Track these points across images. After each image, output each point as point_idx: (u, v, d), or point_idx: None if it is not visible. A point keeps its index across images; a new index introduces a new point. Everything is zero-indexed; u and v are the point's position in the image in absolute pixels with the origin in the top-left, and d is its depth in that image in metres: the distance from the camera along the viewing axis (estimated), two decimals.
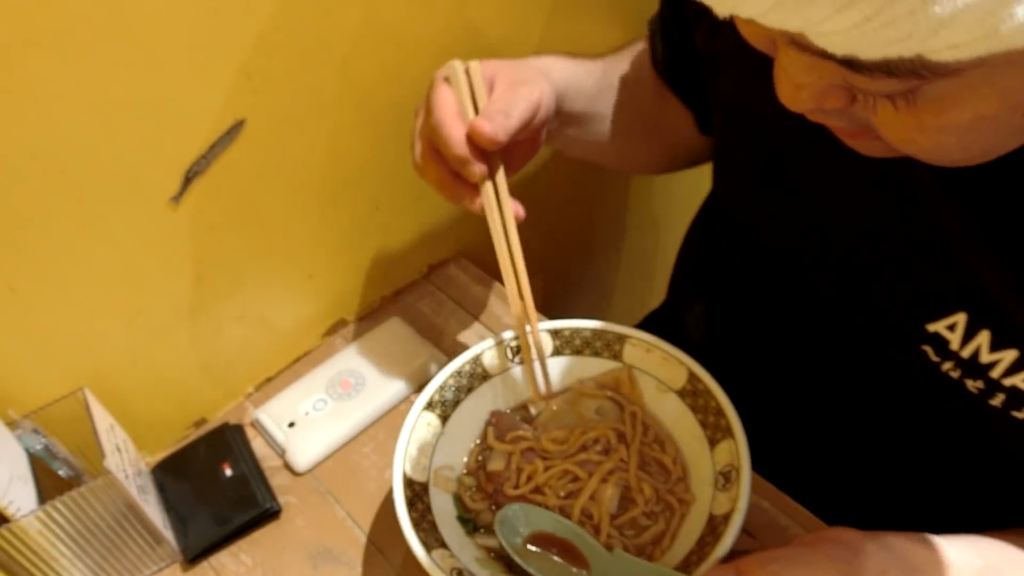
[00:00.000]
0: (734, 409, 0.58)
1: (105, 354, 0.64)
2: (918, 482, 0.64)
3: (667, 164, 0.83)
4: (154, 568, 0.63)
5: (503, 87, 0.59)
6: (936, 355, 0.53)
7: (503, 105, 0.57)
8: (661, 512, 0.58)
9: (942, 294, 0.51)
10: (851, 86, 0.38)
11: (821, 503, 0.62)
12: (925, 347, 0.54)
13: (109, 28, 0.51)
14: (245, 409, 0.75)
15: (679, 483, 0.60)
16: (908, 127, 0.37)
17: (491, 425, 0.64)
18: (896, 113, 0.37)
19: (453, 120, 0.56)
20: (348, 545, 0.64)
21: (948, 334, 0.52)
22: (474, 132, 0.55)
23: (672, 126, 0.78)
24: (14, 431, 0.58)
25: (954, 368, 0.52)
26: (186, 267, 0.65)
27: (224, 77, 0.59)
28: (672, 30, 0.70)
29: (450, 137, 0.56)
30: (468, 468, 0.63)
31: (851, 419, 0.65)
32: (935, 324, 0.52)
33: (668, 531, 0.57)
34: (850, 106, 0.39)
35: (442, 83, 0.59)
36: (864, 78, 0.35)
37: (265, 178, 0.66)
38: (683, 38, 0.69)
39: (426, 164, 0.59)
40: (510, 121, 0.56)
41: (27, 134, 0.52)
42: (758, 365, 0.69)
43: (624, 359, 0.65)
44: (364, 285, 0.80)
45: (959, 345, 0.51)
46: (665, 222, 1.18)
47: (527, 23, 0.79)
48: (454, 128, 0.56)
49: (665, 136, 0.79)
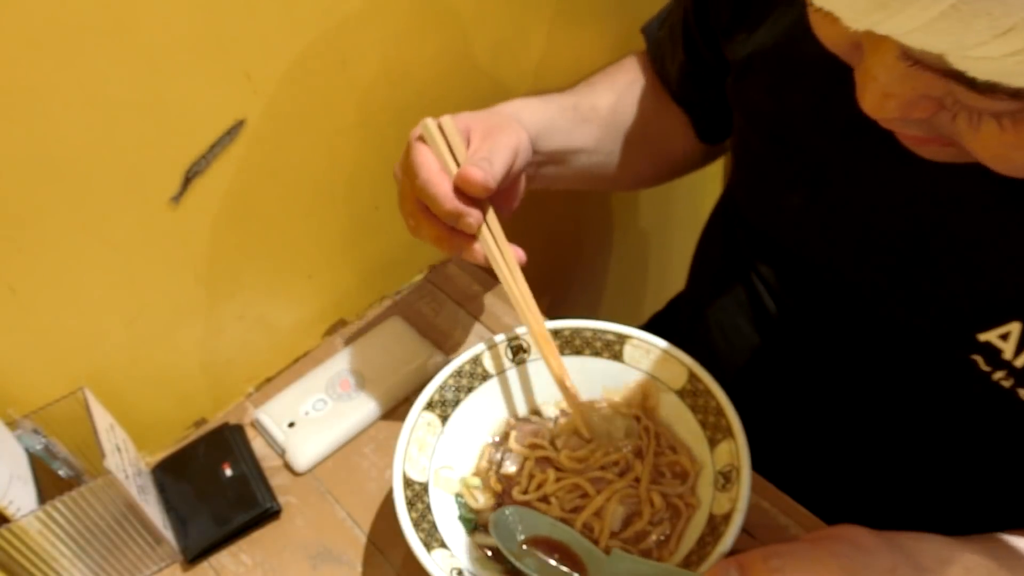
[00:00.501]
0: (734, 409, 0.58)
1: (105, 354, 0.64)
2: (924, 483, 0.64)
3: (656, 178, 0.84)
4: (154, 568, 0.63)
5: (479, 137, 0.59)
6: (987, 364, 0.53)
7: (485, 153, 0.57)
8: (668, 518, 0.58)
9: (994, 303, 0.51)
10: (954, 100, 0.36)
11: (821, 503, 0.62)
12: (975, 356, 0.53)
13: (109, 28, 0.52)
14: (245, 409, 0.75)
15: (690, 486, 0.59)
16: (1006, 144, 0.36)
17: (512, 429, 0.64)
18: (1000, 131, 0.36)
19: (439, 177, 0.57)
20: (348, 545, 0.64)
21: (1001, 343, 0.51)
22: (464, 181, 0.56)
23: (667, 137, 0.78)
24: (14, 431, 0.58)
25: (1006, 377, 0.52)
26: (186, 267, 0.65)
27: (224, 77, 0.59)
28: (697, 41, 0.70)
29: (439, 195, 0.56)
30: (477, 469, 0.63)
31: (863, 418, 0.64)
32: (987, 334, 0.52)
33: (674, 534, 0.57)
34: (935, 115, 0.38)
35: (418, 143, 0.59)
36: (979, 96, 0.33)
37: (265, 178, 0.66)
38: (707, 46, 0.68)
39: (419, 225, 0.59)
40: (496, 167, 0.57)
41: (27, 134, 0.52)
42: (773, 365, 0.68)
43: (624, 359, 0.65)
44: (364, 285, 0.80)
45: (1012, 354, 0.51)
46: (664, 224, 1.18)
47: (526, 23, 0.79)
48: (441, 185, 0.56)
49: (658, 148, 0.79)
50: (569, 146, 0.70)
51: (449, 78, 0.74)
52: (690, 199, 1.16)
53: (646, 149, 0.77)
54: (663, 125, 0.77)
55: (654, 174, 0.82)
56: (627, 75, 0.78)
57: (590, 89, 0.75)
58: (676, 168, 0.83)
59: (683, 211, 1.17)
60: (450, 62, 0.73)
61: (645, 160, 0.79)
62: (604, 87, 0.76)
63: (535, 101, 0.69)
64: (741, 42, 0.62)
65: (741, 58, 0.62)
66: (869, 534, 0.47)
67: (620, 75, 0.78)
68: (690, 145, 0.79)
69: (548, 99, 0.70)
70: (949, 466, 0.61)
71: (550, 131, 0.67)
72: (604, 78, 0.77)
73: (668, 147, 0.79)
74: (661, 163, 0.81)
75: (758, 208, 0.66)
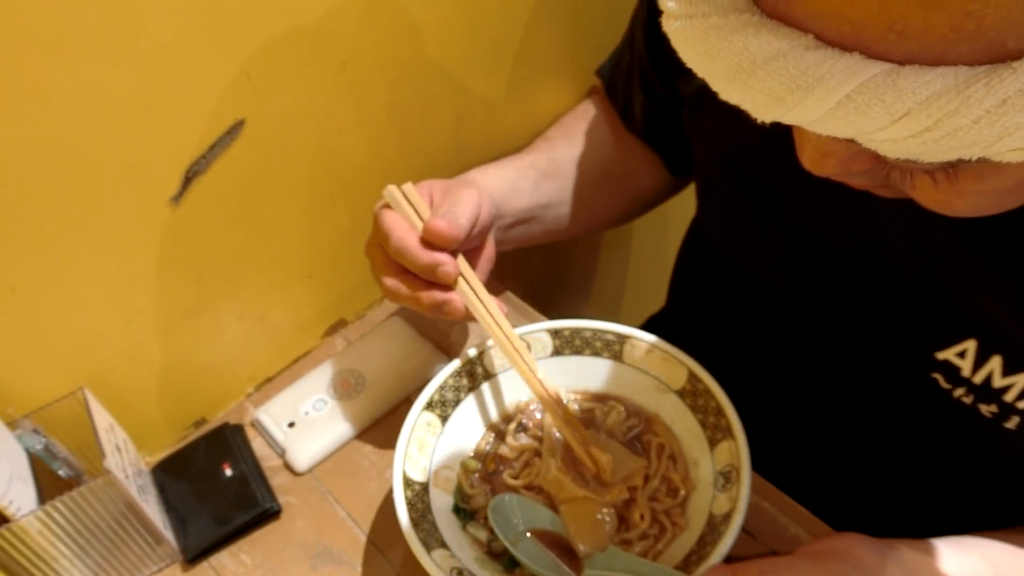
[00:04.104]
0: (734, 409, 0.58)
1: (105, 354, 0.64)
2: (919, 485, 0.64)
3: (628, 215, 0.85)
4: (154, 568, 0.63)
5: (440, 195, 0.62)
6: (947, 382, 0.53)
7: (448, 206, 0.59)
8: (654, 534, 0.58)
9: (950, 323, 0.51)
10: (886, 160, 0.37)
11: (821, 503, 0.62)
12: (935, 375, 0.53)
13: (109, 28, 0.51)
14: (245, 409, 0.75)
15: (679, 506, 0.59)
16: (946, 193, 0.36)
17: (520, 414, 0.65)
18: (935, 185, 0.36)
19: (410, 235, 0.59)
20: (348, 545, 0.64)
21: (959, 361, 0.51)
22: (431, 233, 0.58)
23: (634, 176, 0.79)
24: (14, 431, 0.58)
25: (966, 394, 0.52)
26: (186, 267, 0.65)
27: (224, 77, 0.59)
28: (652, 80, 0.71)
29: (411, 249, 0.58)
30: (477, 451, 0.64)
31: (852, 424, 0.65)
32: (944, 352, 0.52)
33: (651, 553, 0.57)
34: (877, 165, 0.38)
35: (384, 210, 0.61)
36: (903, 160, 0.34)
37: (265, 178, 0.66)
38: (663, 83, 0.69)
39: (398, 288, 0.60)
40: (460, 219, 0.59)
41: (27, 134, 0.52)
42: (758, 377, 0.68)
43: (624, 359, 0.65)
44: (364, 285, 0.80)
45: (971, 372, 0.51)
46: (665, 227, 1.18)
47: (527, 20, 0.79)
48: (413, 240, 0.58)
49: (625, 188, 0.80)
50: (534, 204, 0.71)
51: (449, 78, 0.74)
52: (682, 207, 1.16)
53: (613, 191, 0.79)
54: (628, 165, 0.78)
55: (624, 212, 0.84)
56: (584, 123, 0.79)
57: (547, 144, 0.77)
58: (647, 202, 0.84)
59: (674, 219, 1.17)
60: (450, 62, 0.73)
61: (613, 202, 0.80)
62: (561, 141, 0.77)
63: (492, 167, 0.71)
64: (692, 76, 0.62)
65: (693, 91, 0.63)
66: (871, 549, 0.47)
67: (576, 124, 0.79)
68: (659, 179, 0.80)
69: (505, 163, 0.72)
70: (930, 469, 0.62)
71: (512, 192, 0.69)
72: (560, 131, 0.79)
73: (636, 185, 0.80)
74: (630, 201, 0.82)
75: (720, 235, 0.68)
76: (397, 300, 0.61)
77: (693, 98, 0.64)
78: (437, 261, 0.58)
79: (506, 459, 0.62)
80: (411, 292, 0.59)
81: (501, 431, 0.65)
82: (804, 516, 0.61)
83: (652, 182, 0.80)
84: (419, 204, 0.61)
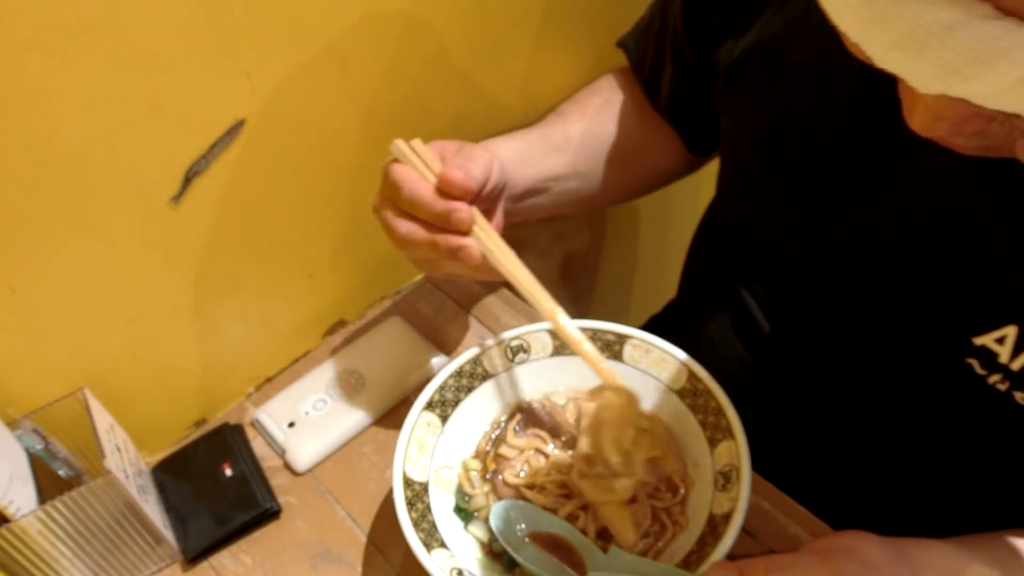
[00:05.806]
0: (734, 409, 0.58)
1: (105, 354, 0.64)
2: (925, 483, 0.64)
3: (643, 190, 0.84)
4: (154, 568, 0.63)
5: (452, 153, 0.60)
6: (983, 368, 0.52)
7: (461, 160, 0.58)
8: (654, 532, 0.58)
9: (990, 308, 0.51)
10: (1011, 125, 0.36)
11: (821, 503, 0.62)
12: (970, 360, 0.53)
13: (109, 28, 0.52)
14: (245, 409, 0.75)
15: (679, 504, 0.59)
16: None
17: (520, 412, 0.65)
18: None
19: (423, 183, 0.57)
20: (348, 545, 0.64)
21: (996, 347, 0.51)
22: (446, 183, 0.56)
23: (651, 153, 0.78)
24: (14, 431, 0.58)
25: (1002, 380, 0.52)
26: (186, 267, 0.65)
27: (224, 77, 0.59)
28: (685, 51, 0.69)
29: (426, 197, 0.57)
30: (477, 450, 0.64)
31: (861, 420, 0.64)
32: (982, 337, 0.51)
33: (651, 552, 0.57)
34: (987, 128, 0.37)
35: (393, 164, 0.59)
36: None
37: (265, 178, 0.66)
38: (696, 55, 0.68)
39: (414, 231, 0.58)
40: (474, 172, 0.57)
41: (27, 134, 0.52)
42: (764, 372, 0.68)
43: (624, 359, 0.65)
44: (364, 285, 0.80)
45: (1008, 358, 0.51)
46: (661, 225, 1.18)
47: (526, 19, 0.79)
48: (427, 188, 0.57)
49: (642, 164, 0.79)
50: (544, 175, 0.71)
51: (449, 77, 0.74)
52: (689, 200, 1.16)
53: (628, 167, 0.78)
54: (647, 141, 0.77)
55: (639, 188, 0.83)
56: (599, 97, 0.78)
57: (560, 118, 0.76)
58: (661, 180, 0.83)
59: (680, 212, 1.17)
60: (450, 62, 0.73)
61: (628, 177, 0.79)
62: (574, 115, 0.76)
63: (501, 138, 0.70)
64: (729, 48, 0.62)
65: (729, 63, 0.62)
66: (879, 548, 0.47)
67: (592, 99, 0.78)
68: (677, 158, 0.79)
69: (514, 135, 0.71)
70: (947, 466, 0.61)
71: (521, 163, 0.68)
72: (573, 106, 0.78)
73: (653, 162, 0.80)
74: (646, 177, 0.81)
75: (748, 217, 0.66)
76: (413, 249, 0.59)
77: (728, 70, 0.63)
78: (452, 207, 0.56)
79: (506, 459, 0.62)
80: (428, 235, 0.58)
81: (501, 431, 0.65)
82: (804, 516, 0.61)
83: (668, 160, 0.79)
84: (428, 157, 0.59)
